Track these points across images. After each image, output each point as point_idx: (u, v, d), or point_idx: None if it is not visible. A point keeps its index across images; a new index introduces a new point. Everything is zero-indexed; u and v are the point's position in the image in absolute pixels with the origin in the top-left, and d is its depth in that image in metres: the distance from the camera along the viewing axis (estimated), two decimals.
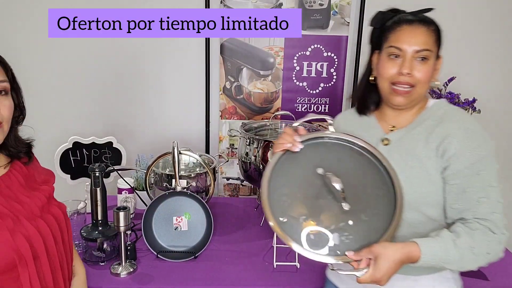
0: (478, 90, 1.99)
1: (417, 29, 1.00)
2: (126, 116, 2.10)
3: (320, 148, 1.04)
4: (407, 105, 1.05)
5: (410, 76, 1.00)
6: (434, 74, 1.04)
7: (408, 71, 0.99)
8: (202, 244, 1.46)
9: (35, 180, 0.99)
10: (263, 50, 2.00)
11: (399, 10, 1.07)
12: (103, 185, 1.40)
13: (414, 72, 1.00)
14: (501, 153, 2.12)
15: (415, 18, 1.02)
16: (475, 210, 0.96)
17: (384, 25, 1.05)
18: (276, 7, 1.95)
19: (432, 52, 1.01)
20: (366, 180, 1.00)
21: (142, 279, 1.31)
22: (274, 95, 2.07)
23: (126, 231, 1.32)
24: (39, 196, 0.94)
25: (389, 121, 1.10)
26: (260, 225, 1.69)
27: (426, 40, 1.00)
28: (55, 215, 0.95)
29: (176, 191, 1.48)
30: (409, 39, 1.00)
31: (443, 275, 1.06)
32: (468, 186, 0.97)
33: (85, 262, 1.39)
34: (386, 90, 1.05)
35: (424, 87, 1.02)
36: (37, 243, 0.87)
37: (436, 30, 1.03)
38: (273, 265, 1.40)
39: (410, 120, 1.07)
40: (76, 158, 1.71)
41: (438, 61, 1.05)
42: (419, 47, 0.99)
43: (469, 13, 1.96)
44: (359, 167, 1.01)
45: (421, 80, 1.01)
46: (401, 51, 1.00)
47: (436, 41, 1.02)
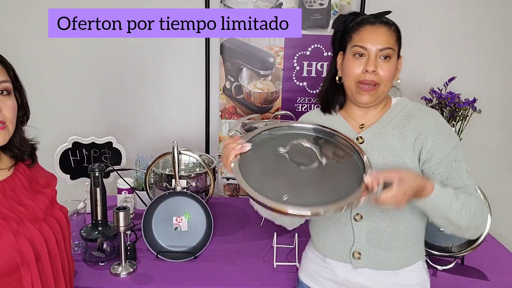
0: (478, 90, 1.98)
1: (379, 29, 1.05)
2: (126, 116, 2.10)
3: (270, 141, 1.07)
4: (373, 103, 1.09)
5: (375, 74, 1.04)
6: (396, 73, 1.09)
7: (373, 69, 1.03)
8: (202, 244, 1.46)
9: (38, 182, 1.00)
10: (263, 50, 2.00)
11: (359, 13, 1.13)
12: (103, 185, 1.40)
13: (378, 70, 1.04)
14: (501, 153, 2.12)
15: (376, 20, 1.06)
16: (463, 190, 1.04)
17: (347, 27, 1.10)
18: (276, 7, 1.95)
19: (394, 51, 1.06)
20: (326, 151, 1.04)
21: (142, 279, 1.31)
22: (274, 95, 2.07)
23: (126, 231, 1.32)
24: (42, 199, 0.95)
25: (357, 119, 1.14)
26: (260, 225, 1.69)
27: (389, 39, 1.05)
28: (58, 218, 0.96)
29: (176, 191, 1.47)
30: (372, 38, 1.04)
31: (418, 266, 1.12)
32: (451, 172, 1.05)
33: (85, 262, 1.39)
34: (352, 89, 1.08)
35: (388, 85, 1.07)
36: (40, 246, 0.87)
37: (396, 31, 1.07)
38: (273, 265, 1.40)
39: (377, 117, 1.12)
40: (76, 158, 1.71)
41: (399, 61, 1.10)
42: (382, 46, 1.03)
43: (469, 13, 1.96)
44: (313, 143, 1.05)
45: (385, 78, 1.05)
46: (366, 50, 1.04)
47: (397, 41, 1.07)
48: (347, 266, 1.10)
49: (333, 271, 1.13)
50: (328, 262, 1.13)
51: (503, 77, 2.05)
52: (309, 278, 1.20)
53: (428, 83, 1.93)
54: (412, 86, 1.96)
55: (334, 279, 1.13)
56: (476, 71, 2.03)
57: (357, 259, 1.08)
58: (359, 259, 1.08)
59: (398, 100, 1.14)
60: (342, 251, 1.10)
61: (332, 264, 1.13)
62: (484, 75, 2.04)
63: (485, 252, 1.53)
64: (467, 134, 1.88)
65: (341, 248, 1.11)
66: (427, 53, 2.01)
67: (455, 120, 1.75)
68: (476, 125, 1.95)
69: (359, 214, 1.07)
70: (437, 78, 1.92)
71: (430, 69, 2.01)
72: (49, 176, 1.06)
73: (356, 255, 1.08)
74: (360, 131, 1.12)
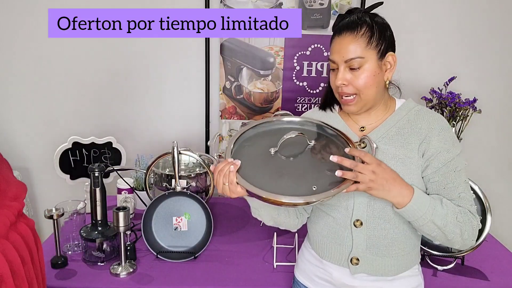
0: (479, 90, 1.98)
1: (344, 38, 1.00)
2: (126, 116, 2.10)
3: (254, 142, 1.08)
4: (361, 111, 1.06)
5: (347, 86, 1.02)
6: (384, 74, 1.03)
7: (341, 82, 1.01)
8: (202, 244, 1.46)
9: (6, 195, 0.92)
10: (263, 50, 2.00)
11: (352, 10, 1.05)
12: (103, 185, 1.40)
13: (352, 81, 1.01)
14: (502, 153, 2.12)
15: (344, 26, 1.01)
16: (456, 202, 1.01)
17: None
18: (276, 7, 1.94)
19: (364, 58, 0.99)
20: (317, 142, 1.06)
21: (141, 279, 1.31)
22: (274, 95, 2.06)
23: (126, 231, 1.32)
24: (7, 215, 0.87)
25: (358, 121, 1.10)
26: (260, 225, 1.68)
27: (354, 48, 0.99)
28: (23, 235, 0.89)
29: (176, 191, 1.47)
30: (338, 50, 1.01)
31: (413, 270, 1.10)
32: (447, 183, 1.01)
33: (84, 262, 1.39)
34: (339, 100, 1.08)
35: (369, 91, 1.02)
36: (3, 268, 0.79)
37: (368, 32, 1.00)
38: (273, 265, 1.40)
39: (380, 120, 1.08)
40: (76, 158, 1.71)
41: (385, 59, 1.02)
42: (346, 57, 1.00)
43: (470, 13, 1.96)
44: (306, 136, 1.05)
45: (361, 87, 1.01)
46: (335, 63, 1.03)
47: (369, 43, 0.99)
48: (344, 270, 1.09)
49: (330, 273, 1.12)
50: (325, 263, 1.13)
51: (504, 77, 2.05)
52: (305, 277, 1.19)
53: (428, 83, 1.93)
54: (412, 86, 1.96)
55: (329, 281, 1.12)
56: (476, 71, 2.03)
57: (355, 265, 1.07)
58: (357, 264, 1.07)
59: (403, 103, 1.10)
60: (340, 255, 1.09)
61: (329, 266, 1.12)
62: (485, 75, 2.04)
63: (485, 252, 1.53)
64: (467, 134, 1.88)
65: (339, 252, 1.10)
66: (428, 53, 2.01)
67: (455, 120, 1.75)
68: (476, 125, 1.95)
69: (359, 220, 1.05)
70: (437, 78, 1.92)
71: (430, 69, 2.01)
72: (18, 187, 0.99)
73: (354, 260, 1.07)
74: (361, 134, 1.08)
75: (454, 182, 1.01)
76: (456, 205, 1.00)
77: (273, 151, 1.03)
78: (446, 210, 0.98)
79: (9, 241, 0.84)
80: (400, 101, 1.11)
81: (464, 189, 1.02)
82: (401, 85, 1.12)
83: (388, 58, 1.03)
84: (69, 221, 1.45)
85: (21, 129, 2.10)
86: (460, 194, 1.01)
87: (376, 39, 1.00)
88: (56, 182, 1.94)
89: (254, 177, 0.95)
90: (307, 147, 1.04)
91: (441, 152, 1.01)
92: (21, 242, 0.87)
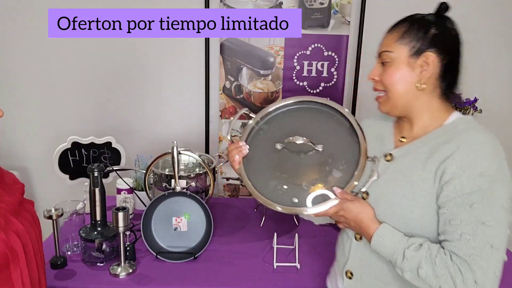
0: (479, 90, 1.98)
1: (387, 33, 0.98)
2: (126, 116, 2.09)
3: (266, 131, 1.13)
4: (391, 113, 1.00)
5: (375, 81, 0.98)
6: (419, 75, 0.92)
7: (372, 76, 0.99)
8: (201, 245, 1.46)
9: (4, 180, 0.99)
10: (263, 49, 2.00)
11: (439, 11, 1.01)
12: (102, 185, 1.40)
13: (381, 76, 0.97)
14: None
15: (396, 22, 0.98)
16: (455, 245, 0.82)
17: None
18: (276, 6, 1.94)
19: (393, 53, 0.93)
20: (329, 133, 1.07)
21: (141, 280, 1.31)
22: (274, 95, 2.06)
23: (125, 231, 1.32)
24: (15, 193, 0.95)
25: (402, 130, 1.02)
26: (260, 225, 1.68)
27: (386, 41, 0.96)
28: (30, 212, 0.96)
29: (175, 192, 1.47)
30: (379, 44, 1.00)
31: None
32: (454, 218, 0.83)
33: (84, 262, 1.39)
34: None
35: (396, 90, 0.94)
36: (25, 240, 0.87)
37: (404, 26, 0.94)
38: (273, 265, 1.39)
39: (420, 134, 0.97)
40: (75, 158, 1.71)
41: (420, 58, 0.92)
42: (379, 50, 0.98)
43: (470, 13, 1.95)
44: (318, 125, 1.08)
45: (387, 83, 0.95)
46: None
47: (402, 38, 0.93)
48: (341, 280, 1.08)
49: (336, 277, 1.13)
50: (335, 268, 1.15)
51: (505, 77, 2.04)
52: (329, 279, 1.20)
53: None
54: None
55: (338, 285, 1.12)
56: (477, 71, 2.02)
57: (348, 279, 1.04)
58: (350, 279, 1.04)
59: (455, 120, 0.94)
60: (340, 264, 1.10)
61: (336, 271, 1.13)
62: (486, 75, 2.03)
63: None
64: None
65: (340, 261, 1.10)
66: None
67: None
68: None
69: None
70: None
71: None
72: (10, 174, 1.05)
73: (348, 274, 1.04)
74: (399, 144, 0.99)
75: (462, 220, 0.82)
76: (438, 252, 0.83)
77: (279, 147, 1.06)
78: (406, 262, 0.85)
79: (18, 219, 0.89)
80: (456, 115, 0.96)
81: (473, 232, 0.80)
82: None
83: (422, 57, 0.92)
84: (68, 221, 1.45)
85: (21, 129, 2.10)
86: (462, 235, 0.81)
87: (411, 35, 0.93)
88: (55, 182, 1.93)
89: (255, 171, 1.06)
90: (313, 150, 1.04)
91: (460, 179, 0.83)
92: (31, 219, 0.93)
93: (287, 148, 1.06)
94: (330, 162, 1.02)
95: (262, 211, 1.76)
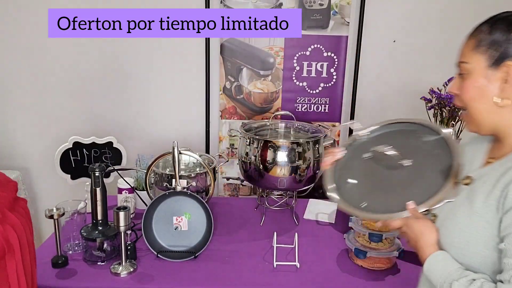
0: None
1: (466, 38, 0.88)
2: (127, 116, 2.10)
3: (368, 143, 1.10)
4: (479, 132, 0.89)
5: (455, 95, 0.89)
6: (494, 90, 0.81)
7: (449, 89, 0.89)
8: (202, 244, 1.46)
9: None
10: (263, 50, 2.00)
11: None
12: (103, 185, 1.40)
13: (459, 90, 0.87)
14: None
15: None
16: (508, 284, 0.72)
17: None
18: (276, 7, 1.95)
19: (468, 63, 0.84)
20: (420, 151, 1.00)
21: (142, 278, 1.32)
22: (274, 95, 2.07)
23: (126, 231, 1.32)
24: (10, 190, 0.97)
25: (493, 151, 0.91)
26: (260, 224, 1.69)
27: (463, 51, 0.86)
28: (24, 208, 0.98)
29: (176, 191, 1.48)
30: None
31: None
32: (509, 255, 0.73)
33: (85, 261, 1.39)
34: None
35: (474, 106, 0.84)
36: (20, 233, 0.89)
37: (480, 32, 0.83)
38: (273, 265, 1.40)
39: (504, 155, 0.86)
40: (76, 158, 1.71)
41: (497, 71, 0.81)
42: (456, 60, 0.87)
43: (470, 13, 1.96)
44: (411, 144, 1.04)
45: (464, 98, 0.85)
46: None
47: (477, 46, 0.82)
48: None
49: None
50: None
51: None
52: None
53: (428, 83, 1.93)
54: (412, 86, 1.96)
55: None
56: None
57: None
58: None
59: None
60: None
61: None
62: None
63: None
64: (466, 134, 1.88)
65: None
66: (427, 53, 2.01)
67: (454, 120, 1.75)
68: None
69: None
70: (437, 78, 1.92)
71: (430, 69, 2.01)
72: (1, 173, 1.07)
73: None
74: (481, 168, 0.89)
75: None
76: None
77: (366, 156, 1.06)
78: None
79: (14, 214, 0.91)
80: None
81: None
82: (401, 85, 1.06)
83: (503, 67, 0.80)
84: (69, 220, 1.46)
85: (22, 129, 2.10)
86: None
87: (488, 43, 0.81)
88: (56, 182, 1.94)
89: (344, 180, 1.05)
90: (402, 163, 0.99)
91: None
92: (24, 216, 0.95)
93: (375, 158, 1.04)
94: (413, 178, 0.97)
95: (262, 210, 1.77)
